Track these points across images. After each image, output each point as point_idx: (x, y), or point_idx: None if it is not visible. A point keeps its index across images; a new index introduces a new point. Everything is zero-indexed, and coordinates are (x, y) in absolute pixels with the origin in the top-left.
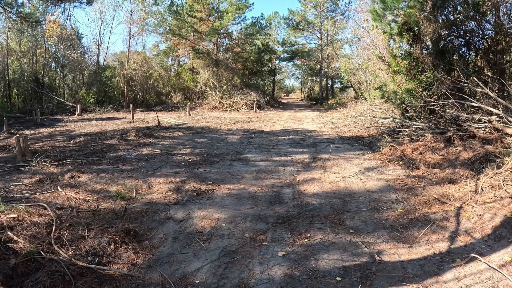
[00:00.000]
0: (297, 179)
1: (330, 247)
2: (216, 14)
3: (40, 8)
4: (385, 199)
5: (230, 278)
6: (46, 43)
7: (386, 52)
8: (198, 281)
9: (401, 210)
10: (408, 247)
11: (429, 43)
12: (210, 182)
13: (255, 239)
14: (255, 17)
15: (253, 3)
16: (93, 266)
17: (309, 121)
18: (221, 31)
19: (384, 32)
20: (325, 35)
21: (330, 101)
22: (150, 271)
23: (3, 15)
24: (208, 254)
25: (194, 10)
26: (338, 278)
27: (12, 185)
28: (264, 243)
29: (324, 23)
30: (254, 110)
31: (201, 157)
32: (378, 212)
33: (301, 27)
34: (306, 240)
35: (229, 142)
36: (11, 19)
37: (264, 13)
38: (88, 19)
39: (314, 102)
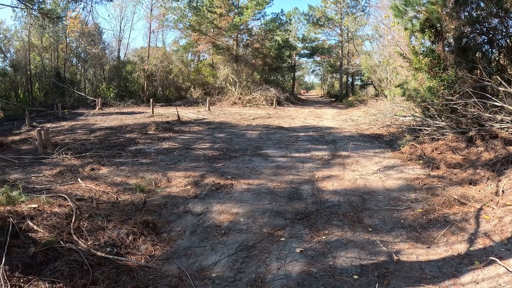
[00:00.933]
0: (316, 176)
1: (348, 245)
2: (236, 10)
3: (61, 5)
4: (404, 198)
5: (247, 272)
6: (67, 39)
7: (408, 49)
8: (215, 275)
9: (420, 210)
10: (427, 247)
11: (451, 41)
12: (229, 177)
13: (273, 234)
14: (275, 13)
15: None
16: (111, 256)
17: (329, 118)
18: (241, 27)
19: (406, 29)
20: (346, 31)
21: (350, 98)
22: (167, 263)
23: (24, 12)
24: (226, 248)
25: (214, 6)
26: (355, 276)
27: (33, 176)
28: (282, 239)
29: (345, 19)
30: (274, 106)
31: (221, 152)
32: (397, 211)
33: (321, 23)
34: (324, 237)
35: (248, 137)
36: (32, 15)
37: (284, 9)
38: (109, 15)
39: (333, 99)
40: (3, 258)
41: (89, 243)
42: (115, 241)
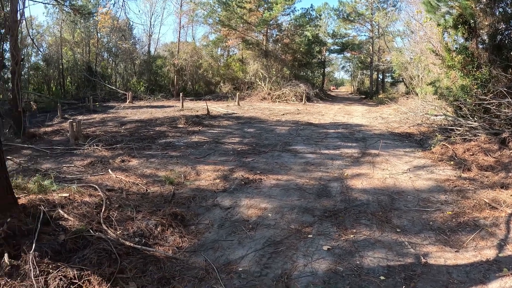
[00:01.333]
0: (345, 174)
1: (376, 245)
2: (265, 5)
3: (92, 1)
4: (434, 200)
5: (273, 268)
6: (99, 34)
7: (440, 46)
8: (241, 269)
9: (450, 213)
10: (455, 251)
11: (485, 37)
12: (258, 172)
13: (301, 231)
14: (305, 8)
15: None
16: (139, 246)
17: (359, 115)
18: (271, 22)
19: (438, 25)
20: (376, 27)
21: (380, 96)
22: (194, 255)
23: (56, 8)
24: (253, 243)
25: (244, 1)
26: (382, 277)
27: (65, 166)
28: (309, 236)
29: (375, 14)
30: (303, 102)
31: (250, 146)
32: (426, 212)
33: (352, 18)
34: (351, 236)
35: (277, 133)
36: (64, 11)
37: (313, 4)
38: (139, 11)
39: (363, 96)
40: (33, 245)
41: (118, 232)
42: (143, 231)
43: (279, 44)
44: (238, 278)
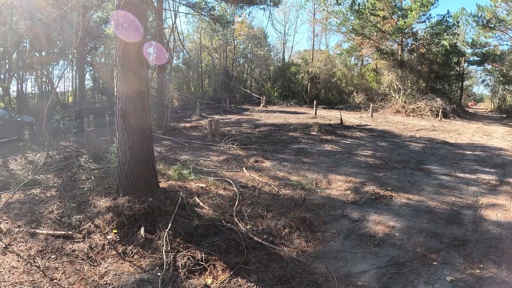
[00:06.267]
0: (480, 202)
1: (501, 286)
2: (399, 12)
3: (228, 11)
4: None
5: None
6: (235, 41)
7: None
8: (360, 283)
9: None
10: None
11: None
12: (389, 188)
13: (426, 256)
14: (441, 15)
15: None
16: (266, 243)
17: (499, 136)
18: (405, 30)
19: None
20: None
21: None
22: (317, 261)
23: (195, 17)
24: (376, 260)
25: (377, 8)
26: None
27: (202, 159)
28: (434, 263)
29: None
30: (439, 118)
31: (382, 161)
32: None
33: (492, 25)
34: (477, 271)
35: (411, 149)
36: (204, 20)
37: (450, 10)
38: (275, 19)
39: (505, 115)
40: (169, 224)
41: (248, 227)
42: (272, 230)
43: (415, 54)
44: None
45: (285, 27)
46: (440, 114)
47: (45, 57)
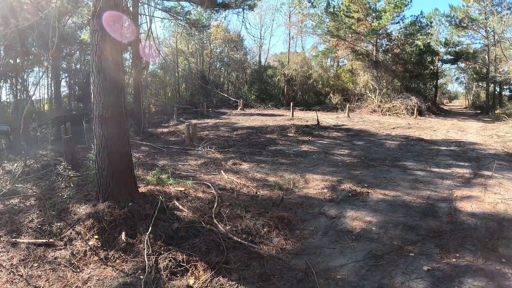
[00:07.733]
0: (455, 195)
1: (477, 273)
2: (373, 14)
3: (204, 15)
4: None
5: (370, 281)
6: (211, 45)
7: None
8: (339, 277)
9: None
10: None
11: None
12: (366, 185)
13: (403, 248)
14: (415, 16)
15: (411, 0)
16: (246, 242)
17: (473, 132)
18: (380, 31)
19: None
20: (491, 33)
21: (497, 111)
22: (296, 258)
23: (172, 22)
24: (354, 254)
25: (351, 10)
26: None
27: (180, 164)
28: (411, 254)
29: (489, 19)
30: (415, 116)
31: (359, 159)
32: None
33: (464, 24)
34: (453, 260)
35: (387, 147)
36: (180, 25)
37: (423, 11)
38: (249, 23)
39: (479, 111)
40: (150, 228)
41: (227, 228)
42: (251, 229)
43: (389, 54)
44: (335, 285)
45: (261, 30)
46: (415, 112)
47: (20, 64)
